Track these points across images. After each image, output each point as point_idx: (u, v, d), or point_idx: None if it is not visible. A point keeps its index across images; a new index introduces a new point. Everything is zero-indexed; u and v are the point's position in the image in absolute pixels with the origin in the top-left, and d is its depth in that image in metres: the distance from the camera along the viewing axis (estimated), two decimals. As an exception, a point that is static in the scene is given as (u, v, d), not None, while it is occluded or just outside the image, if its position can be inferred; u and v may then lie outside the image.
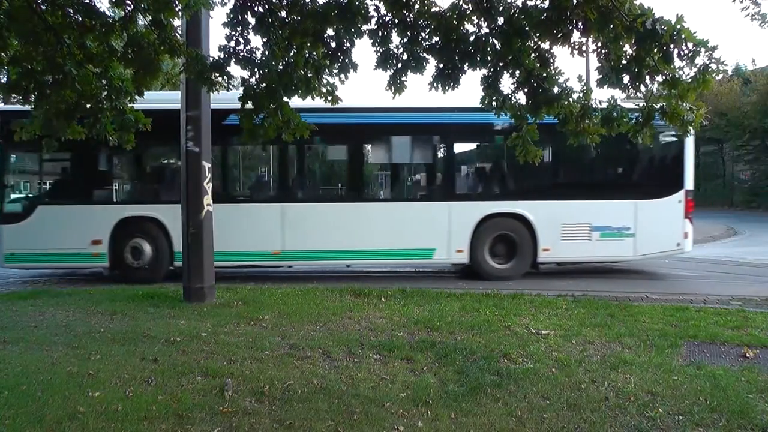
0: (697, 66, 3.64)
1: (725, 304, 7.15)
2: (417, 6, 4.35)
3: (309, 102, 4.64)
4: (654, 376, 4.26)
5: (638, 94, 4.09)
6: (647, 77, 3.88)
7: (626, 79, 3.95)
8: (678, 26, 3.56)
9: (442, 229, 9.24)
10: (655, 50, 3.67)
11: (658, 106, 3.92)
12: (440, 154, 10.06)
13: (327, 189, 10.30)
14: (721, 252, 13.36)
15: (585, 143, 4.53)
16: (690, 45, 3.57)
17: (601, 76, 4.03)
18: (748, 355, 4.82)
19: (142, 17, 4.28)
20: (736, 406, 3.65)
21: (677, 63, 3.69)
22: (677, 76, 3.75)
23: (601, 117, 4.24)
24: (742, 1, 6.05)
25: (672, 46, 3.61)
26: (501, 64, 4.40)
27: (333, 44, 4.44)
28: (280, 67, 4.40)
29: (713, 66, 3.58)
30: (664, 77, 3.82)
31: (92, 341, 5.23)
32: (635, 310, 6.46)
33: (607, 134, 4.34)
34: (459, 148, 10.49)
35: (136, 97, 4.66)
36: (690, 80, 3.69)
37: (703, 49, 3.56)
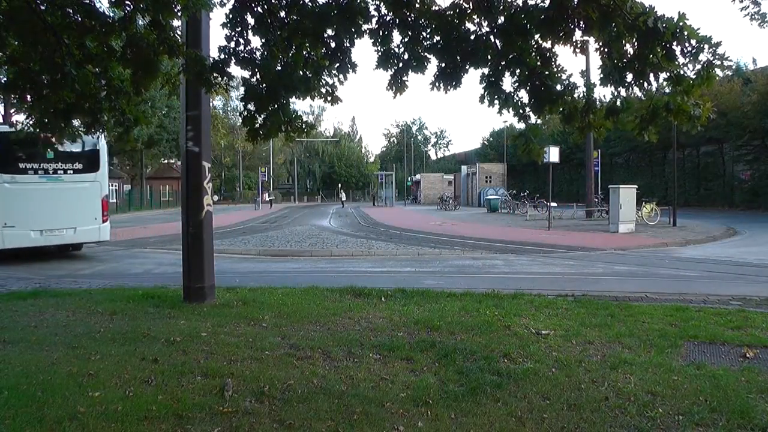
0: (701, 62, 3.63)
1: (725, 304, 7.15)
2: (417, 5, 4.34)
3: None
4: (654, 376, 4.25)
5: (641, 92, 4.08)
6: (650, 75, 3.88)
7: (629, 77, 3.95)
8: (680, 23, 3.56)
9: None
10: (658, 48, 3.67)
11: (663, 103, 3.91)
12: None
13: None
14: (721, 252, 13.36)
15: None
16: (693, 42, 3.57)
17: (603, 74, 4.03)
18: (748, 355, 4.81)
19: (141, 18, 4.28)
20: (736, 406, 3.65)
21: (681, 60, 3.68)
22: (681, 73, 3.74)
23: (605, 109, 4.23)
24: (742, 1, 6.04)
25: (675, 43, 3.61)
26: (502, 62, 4.40)
27: (333, 44, 4.44)
28: (279, 68, 4.40)
29: (717, 62, 3.57)
30: (668, 74, 3.82)
31: (92, 341, 5.23)
32: (635, 310, 6.46)
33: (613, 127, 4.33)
34: None
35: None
36: (694, 77, 3.68)
37: (706, 46, 3.56)
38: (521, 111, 4.52)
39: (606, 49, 3.98)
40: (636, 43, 3.81)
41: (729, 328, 5.63)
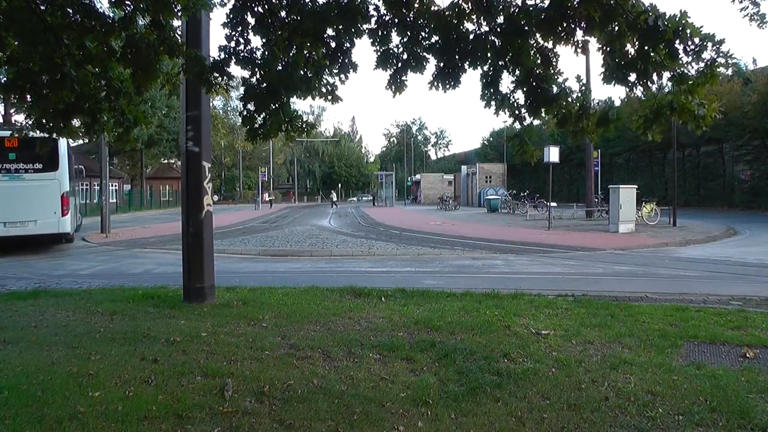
0: (704, 61, 3.63)
1: (725, 304, 7.15)
2: (416, 5, 4.34)
3: None
4: (654, 376, 4.25)
5: (645, 91, 4.07)
6: (654, 74, 3.88)
7: (633, 76, 3.95)
8: (682, 21, 3.55)
9: None
10: (661, 46, 3.67)
11: (667, 103, 3.91)
12: None
13: None
14: (721, 252, 13.36)
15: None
16: (696, 40, 3.56)
17: (607, 73, 4.03)
18: (748, 355, 4.81)
19: (141, 18, 4.28)
20: (736, 406, 3.65)
21: (684, 58, 3.68)
22: (684, 71, 3.74)
23: (596, 118, 4.25)
24: (741, 1, 6.02)
25: (677, 41, 3.60)
26: (500, 62, 4.40)
27: (333, 44, 4.44)
28: (280, 67, 4.40)
29: (720, 60, 3.57)
30: (671, 73, 3.81)
31: (92, 341, 5.23)
32: (635, 310, 6.46)
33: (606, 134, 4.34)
34: None
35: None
36: (697, 75, 3.68)
37: (709, 44, 3.55)
38: (517, 112, 4.53)
39: (608, 49, 3.98)
40: (638, 42, 3.81)
41: (729, 328, 5.63)
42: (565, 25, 3.98)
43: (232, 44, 4.36)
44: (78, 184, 22.98)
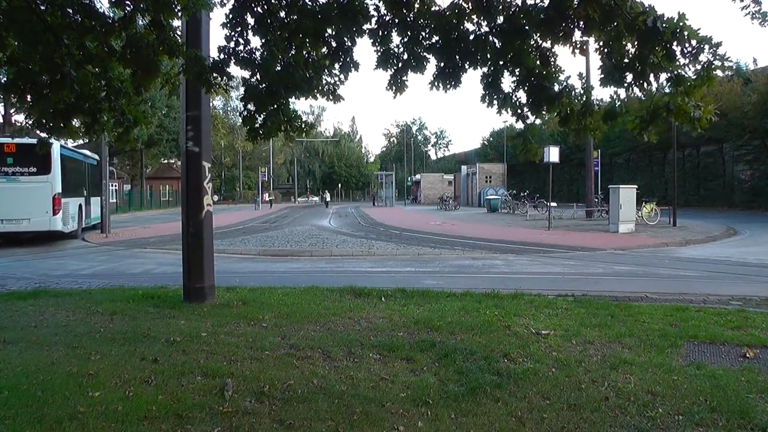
0: (701, 63, 3.63)
1: (725, 304, 7.15)
2: (417, 5, 4.35)
3: None
4: (654, 376, 4.25)
5: (641, 92, 4.08)
6: (651, 75, 3.88)
7: (629, 77, 3.95)
8: (680, 23, 3.55)
9: None
10: (658, 48, 3.67)
11: (663, 104, 3.91)
12: None
13: None
14: (721, 252, 13.37)
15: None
16: (693, 42, 3.57)
17: (604, 74, 4.03)
18: (748, 355, 4.81)
19: (141, 18, 4.29)
20: (736, 406, 3.65)
21: (681, 60, 3.68)
22: (681, 73, 3.74)
23: (603, 112, 4.24)
24: (742, 0, 6.03)
25: (675, 43, 3.61)
26: (501, 62, 4.41)
27: (334, 43, 4.45)
28: (279, 68, 4.40)
29: (717, 62, 3.57)
30: (668, 75, 3.82)
31: (92, 341, 5.23)
32: (635, 310, 6.46)
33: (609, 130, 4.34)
34: None
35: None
36: (694, 77, 3.68)
37: (706, 46, 3.56)
38: (519, 111, 4.53)
39: (606, 50, 3.98)
40: (636, 43, 3.81)
41: (729, 328, 5.63)
42: (564, 25, 3.98)
43: (232, 44, 4.36)
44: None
